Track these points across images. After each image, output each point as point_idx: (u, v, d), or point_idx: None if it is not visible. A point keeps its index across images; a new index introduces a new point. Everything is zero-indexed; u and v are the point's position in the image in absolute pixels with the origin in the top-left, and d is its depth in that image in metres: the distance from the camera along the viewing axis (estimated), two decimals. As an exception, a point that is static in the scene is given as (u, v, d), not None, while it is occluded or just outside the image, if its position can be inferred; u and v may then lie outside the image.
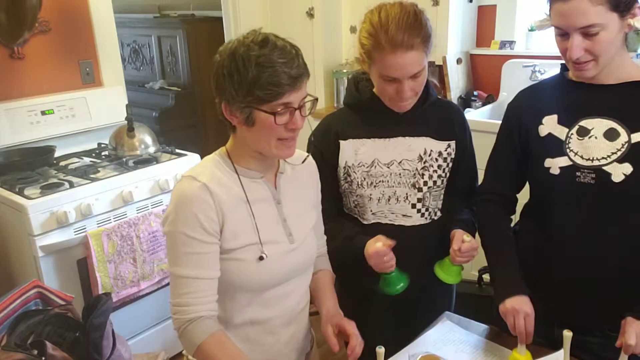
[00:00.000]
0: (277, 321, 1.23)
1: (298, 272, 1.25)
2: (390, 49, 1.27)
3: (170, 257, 1.15)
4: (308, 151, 1.42)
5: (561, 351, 1.20)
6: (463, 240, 1.34)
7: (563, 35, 1.19)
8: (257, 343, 1.23)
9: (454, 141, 1.47)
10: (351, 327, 1.22)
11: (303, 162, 1.28)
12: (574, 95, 1.28)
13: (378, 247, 1.34)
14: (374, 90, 1.45)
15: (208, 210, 1.11)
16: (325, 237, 1.42)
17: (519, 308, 1.23)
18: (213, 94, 1.13)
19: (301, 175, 1.29)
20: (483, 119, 2.75)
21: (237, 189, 1.16)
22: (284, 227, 1.21)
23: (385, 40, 1.27)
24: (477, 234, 1.47)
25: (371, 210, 1.47)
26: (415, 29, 1.28)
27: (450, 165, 1.47)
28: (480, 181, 1.53)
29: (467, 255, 1.35)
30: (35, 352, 1.30)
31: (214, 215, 1.12)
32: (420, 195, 1.45)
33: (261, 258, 1.15)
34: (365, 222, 1.49)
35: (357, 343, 1.20)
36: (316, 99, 1.14)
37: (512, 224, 1.47)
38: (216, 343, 1.12)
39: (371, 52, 1.32)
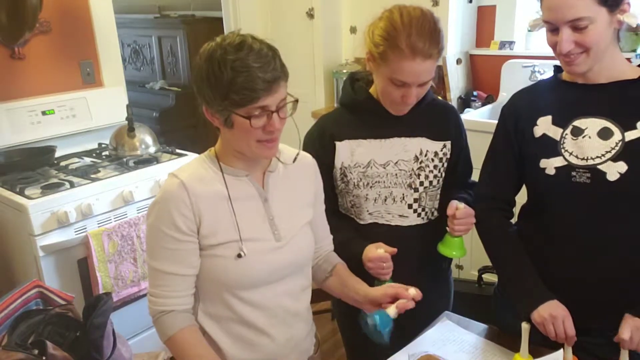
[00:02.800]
0: (270, 322, 1.22)
1: (288, 271, 1.23)
2: (410, 54, 1.25)
3: (148, 249, 1.20)
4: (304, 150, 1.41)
5: (561, 351, 1.21)
6: (457, 207, 1.34)
7: (553, 30, 1.20)
8: (250, 342, 1.22)
9: (450, 141, 1.47)
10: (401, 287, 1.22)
11: (294, 160, 1.28)
12: (568, 96, 1.29)
13: (380, 252, 1.35)
14: (370, 90, 1.44)
15: (182, 208, 1.13)
16: (331, 237, 1.41)
17: (556, 314, 1.21)
18: (195, 95, 1.14)
19: (294, 173, 1.28)
20: (483, 119, 2.75)
21: (220, 186, 1.17)
22: (271, 225, 1.21)
23: (406, 44, 1.25)
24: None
25: (367, 211, 1.47)
26: (435, 38, 1.27)
27: (446, 165, 1.47)
28: (476, 180, 1.52)
29: (463, 223, 1.35)
30: (36, 351, 1.30)
31: (189, 213, 1.13)
32: (416, 195, 1.45)
33: (239, 256, 1.15)
34: (361, 222, 1.48)
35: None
36: (296, 100, 1.14)
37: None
38: (184, 338, 1.17)
39: (387, 52, 1.28)
